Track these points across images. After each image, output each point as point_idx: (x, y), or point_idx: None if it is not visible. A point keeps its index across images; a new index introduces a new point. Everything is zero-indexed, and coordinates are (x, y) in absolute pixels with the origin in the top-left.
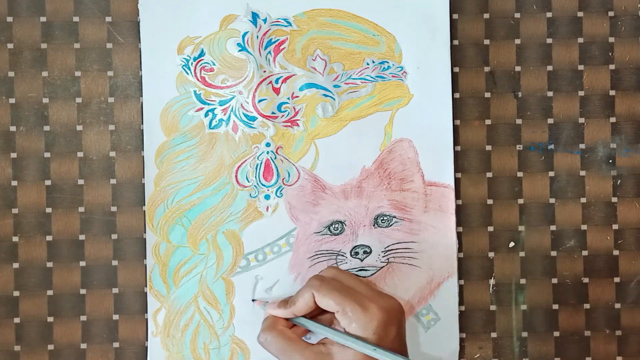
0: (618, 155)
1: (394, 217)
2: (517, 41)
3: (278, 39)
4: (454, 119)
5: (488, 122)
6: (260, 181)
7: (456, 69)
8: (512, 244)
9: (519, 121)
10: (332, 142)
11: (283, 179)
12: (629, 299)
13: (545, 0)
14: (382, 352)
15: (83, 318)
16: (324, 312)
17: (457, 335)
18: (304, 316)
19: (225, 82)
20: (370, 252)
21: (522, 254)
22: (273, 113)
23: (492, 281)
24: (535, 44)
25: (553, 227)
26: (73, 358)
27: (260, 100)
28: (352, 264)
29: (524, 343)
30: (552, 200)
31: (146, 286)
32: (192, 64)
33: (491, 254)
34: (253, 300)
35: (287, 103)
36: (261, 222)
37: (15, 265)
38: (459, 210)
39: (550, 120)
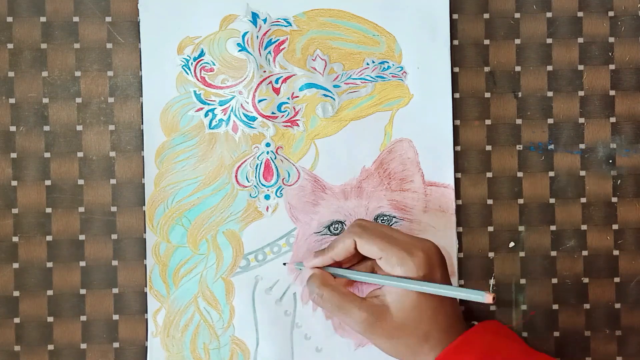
0: (618, 155)
1: (394, 217)
2: (517, 41)
3: (278, 39)
4: (454, 119)
5: (488, 122)
6: (260, 181)
7: (456, 69)
8: (512, 244)
9: (519, 121)
10: (332, 142)
11: (283, 179)
12: (629, 299)
13: (545, 0)
14: (442, 286)
15: (83, 318)
16: (360, 262)
17: None
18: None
19: (225, 82)
20: None
21: (522, 254)
22: (273, 113)
23: (492, 281)
24: (535, 44)
25: (553, 227)
26: (73, 358)
27: (260, 100)
28: None
29: None
30: (552, 200)
31: (146, 286)
32: (192, 64)
33: (491, 254)
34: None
35: (287, 103)
36: (261, 222)
37: (15, 265)
38: (459, 210)
39: (550, 120)
